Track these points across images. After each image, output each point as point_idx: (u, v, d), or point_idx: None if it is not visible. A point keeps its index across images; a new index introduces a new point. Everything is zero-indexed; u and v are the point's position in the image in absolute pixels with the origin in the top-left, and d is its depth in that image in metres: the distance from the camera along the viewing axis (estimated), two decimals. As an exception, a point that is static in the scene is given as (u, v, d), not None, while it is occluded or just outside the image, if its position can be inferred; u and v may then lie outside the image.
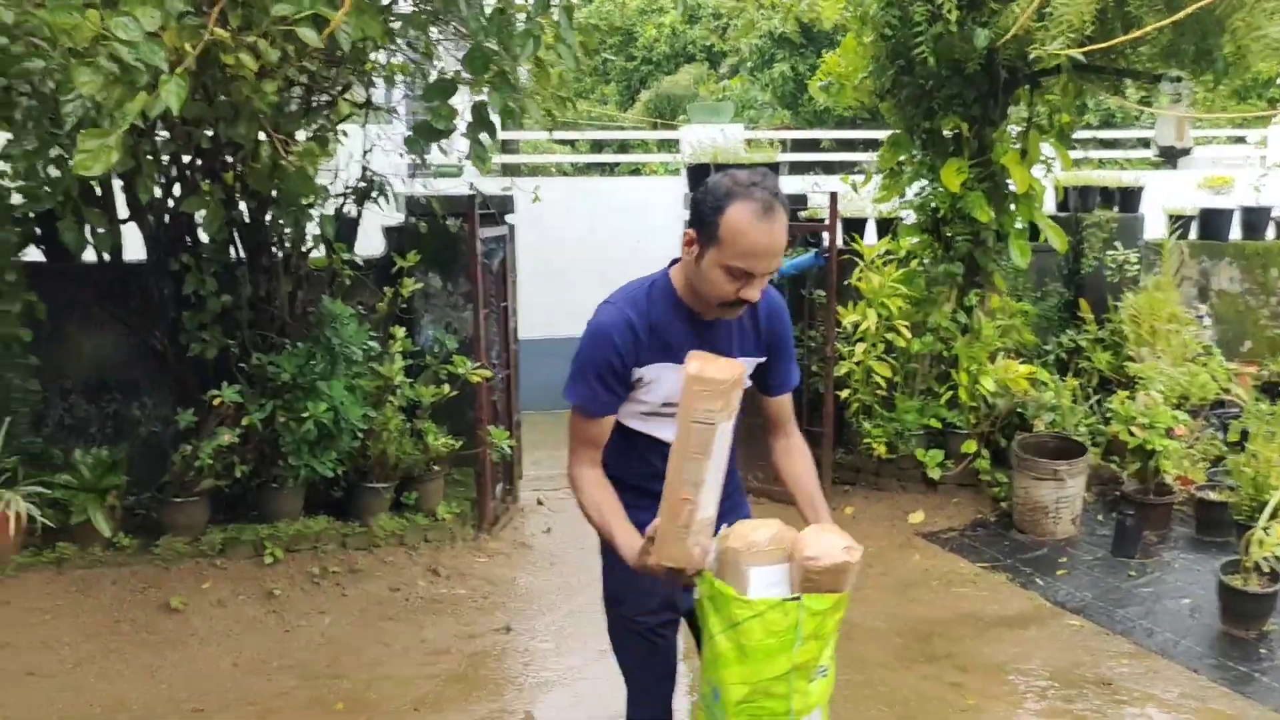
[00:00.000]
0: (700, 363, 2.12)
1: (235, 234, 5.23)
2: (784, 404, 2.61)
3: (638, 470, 2.46)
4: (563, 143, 11.68)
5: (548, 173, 10.20)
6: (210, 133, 4.60)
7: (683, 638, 2.64)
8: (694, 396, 2.08)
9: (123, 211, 5.24)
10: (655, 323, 2.37)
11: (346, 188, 5.51)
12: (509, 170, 5.15)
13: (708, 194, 2.25)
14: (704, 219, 2.24)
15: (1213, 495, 5.57)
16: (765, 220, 2.19)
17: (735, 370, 2.11)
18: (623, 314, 2.37)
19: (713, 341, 2.34)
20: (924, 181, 6.42)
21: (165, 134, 4.87)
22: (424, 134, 4.66)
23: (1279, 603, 4.54)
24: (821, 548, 2.13)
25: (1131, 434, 5.59)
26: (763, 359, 2.52)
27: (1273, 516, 4.61)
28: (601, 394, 2.37)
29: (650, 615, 2.52)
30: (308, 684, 4.20)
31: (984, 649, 4.43)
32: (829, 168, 11.53)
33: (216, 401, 4.70)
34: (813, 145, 11.80)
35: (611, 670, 4.21)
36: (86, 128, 2.96)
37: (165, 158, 4.96)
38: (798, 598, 2.12)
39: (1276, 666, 4.19)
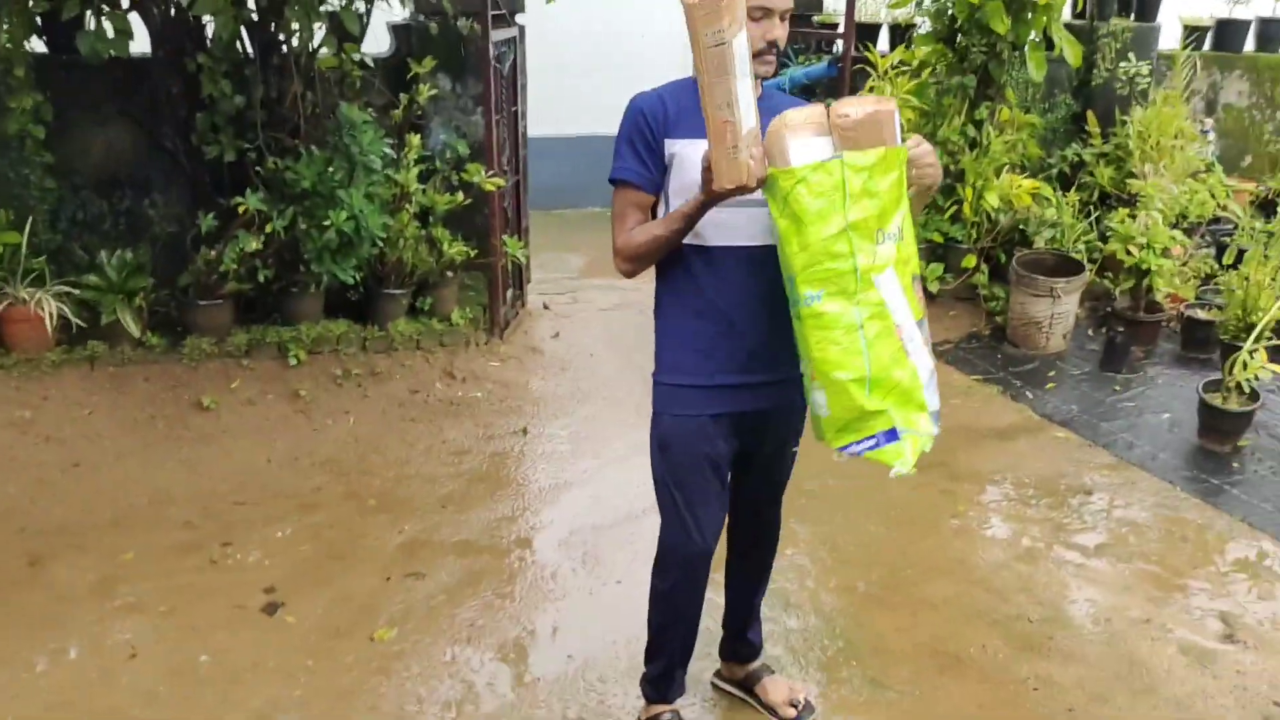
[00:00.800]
0: None
1: (244, 32, 5.13)
2: None
3: (695, 301, 2.56)
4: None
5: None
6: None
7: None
8: (697, 21, 2.13)
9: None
10: (685, 102, 2.48)
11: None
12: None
13: None
14: None
15: (1201, 314, 5.78)
16: None
17: None
18: (653, 91, 2.54)
19: None
20: (942, -13, 6.28)
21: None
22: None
23: (1255, 420, 4.83)
24: (852, 105, 2.24)
25: (1128, 253, 5.73)
26: None
27: (1257, 339, 4.83)
28: (634, 163, 2.51)
29: (700, 451, 2.65)
30: (340, 480, 4.47)
31: (974, 459, 4.71)
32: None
33: (241, 209, 4.75)
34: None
35: (627, 473, 4.50)
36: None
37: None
38: (840, 155, 2.21)
39: (1246, 480, 4.50)
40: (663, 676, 2.93)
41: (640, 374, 5.57)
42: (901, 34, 6.98)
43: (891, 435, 2.36)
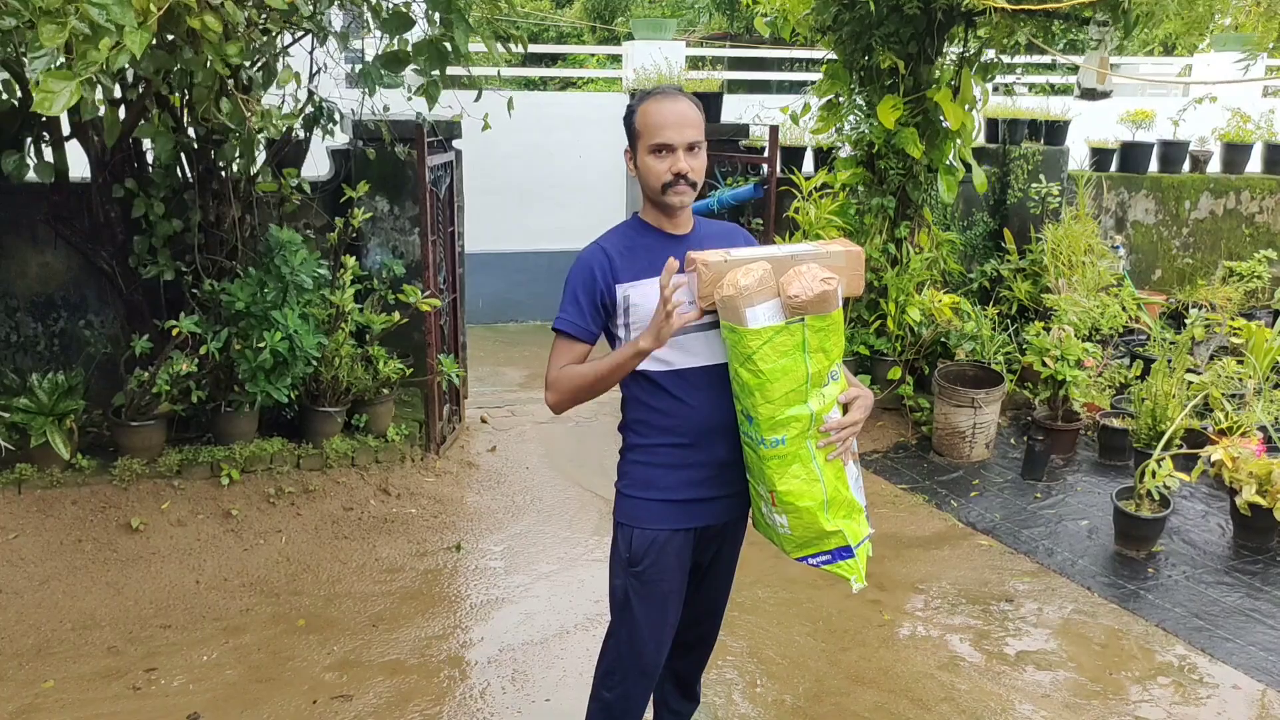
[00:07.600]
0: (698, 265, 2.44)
1: (183, 157, 5.27)
2: None
3: (663, 419, 2.64)
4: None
5: (489, 85, 10.13)
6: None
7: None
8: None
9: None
10: (629, 247, 2.64)
11: (296, 110, 5.53)
12: (449, 81, 5.19)
13: (626, 112, 2.65)
14: (628, 129, 2.64)
15: (1115, 422, 6.00)
16: (667, 100, 2.57)
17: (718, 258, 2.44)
18: (596, 244, 2.69)
19: (683, 252, 2.59)
20: (860, 115, 6.61)
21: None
22: (387, 64, 4.75)
23: (1167, 526, 5.00)
24: (802, 285, 2.42)
25: (1044, 365, 5.96)
26: None
27: (1166, 447, 5.03)
28: (575, 315, 2.61)
29: (669, 564, 2.72)
30: (269, 601, 4.44)
31: (901, 568, 4.81)
32: (770, 86, 11.62)
33: (175, 332, 4.81)
34: (755, 62, 11.83)
35: (558, 589, 4.52)
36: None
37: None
38: (801, 319, 2.42)
39: (1160, 584, 4.64)
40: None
41: (576, 486, 5.67)
42: (824, 156, 7.31)
43: (846, 552, 2.55)
